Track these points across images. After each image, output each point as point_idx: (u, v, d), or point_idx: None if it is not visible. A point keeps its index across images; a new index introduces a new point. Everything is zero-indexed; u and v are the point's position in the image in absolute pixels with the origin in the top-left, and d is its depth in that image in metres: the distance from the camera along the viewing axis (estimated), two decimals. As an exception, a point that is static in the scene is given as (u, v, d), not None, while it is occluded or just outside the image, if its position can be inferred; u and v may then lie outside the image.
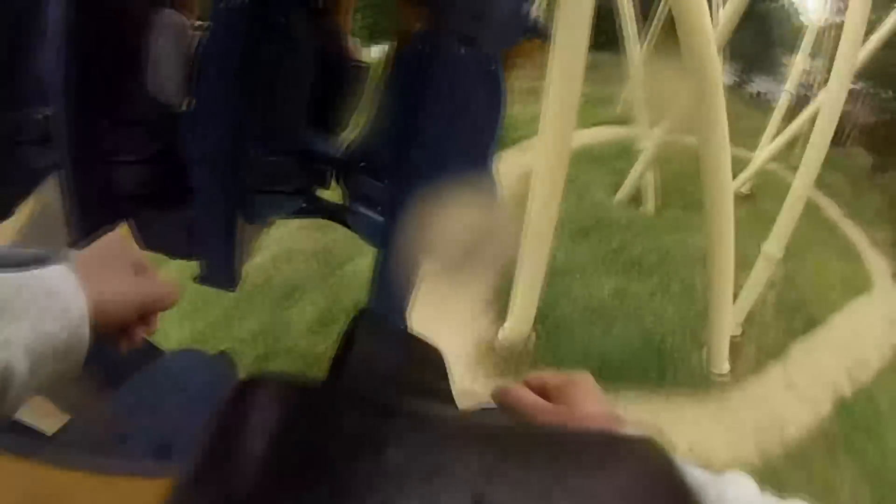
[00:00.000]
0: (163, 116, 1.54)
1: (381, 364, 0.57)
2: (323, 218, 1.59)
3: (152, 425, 0.62)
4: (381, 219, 1.38)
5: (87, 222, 1.56)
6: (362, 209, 1.42)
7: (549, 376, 0.67)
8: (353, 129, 1.54)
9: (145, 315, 0.70)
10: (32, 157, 1.57)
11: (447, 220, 1.35)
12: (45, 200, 1.65)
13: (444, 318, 4.33)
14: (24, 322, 0.56)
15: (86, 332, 0.62)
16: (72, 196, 1.54)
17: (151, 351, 1.18)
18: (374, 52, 2.51)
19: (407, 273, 1.38)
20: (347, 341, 0.54)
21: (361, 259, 4.89)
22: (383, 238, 1.37)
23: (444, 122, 1.29)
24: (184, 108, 1.55)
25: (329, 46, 1.48)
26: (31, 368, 0.56)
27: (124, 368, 1.05)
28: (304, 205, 1.54)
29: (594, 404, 0.61)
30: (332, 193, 1.55)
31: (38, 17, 1.47)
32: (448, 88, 1.28)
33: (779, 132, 9.51)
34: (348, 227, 1.50)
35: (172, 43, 1.55)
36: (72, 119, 1.43)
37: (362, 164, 1.42)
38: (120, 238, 0.74)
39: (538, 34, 1.35)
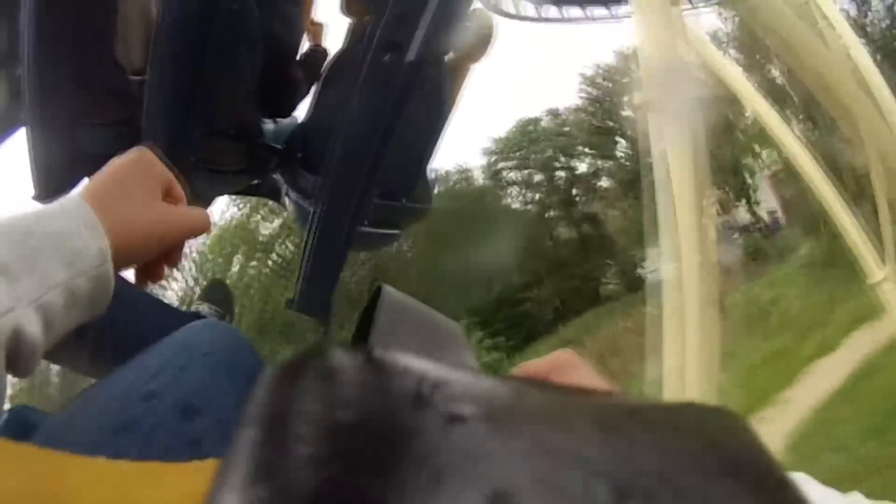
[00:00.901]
0: (126, 83, 1.59)
1: (405, 340, 0.54)
2: (269, 199, 1.63)
3: (178, 385, 0.59)
4: (310, 208, 1.41)
5: (49, 179, 1.64)
6: (295, 197, 1.46)
7: (534, 364, 0.62)
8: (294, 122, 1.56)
9: (171, 245, 0.64)
10: (2, 111, 1.64)
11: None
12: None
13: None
14: (33, 276, 0.50)
15: (108, 271, 0.55)
16: (36, 152, 1.61)
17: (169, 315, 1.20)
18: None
19: (331, 259, 1.42)
20: (367, 317, 0.51)
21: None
22: (309, 225, 1.40)
23: (376, 122, 1.30)
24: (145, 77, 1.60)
25: (281, 32, 1.49)
26: (46, 324, 0.51)
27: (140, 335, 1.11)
28: (253, 184, 1.58)
29: (590, 380, 0.56)
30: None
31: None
32: (382, 90, 1.28)
33: None
34: (285, 209, 1.54)
35: (138, 9, 1.58)
36: (38, 79, 1.48)
37: (299, 154, 1.44)
38: (141, 157, 0.63)
39: (484, 42, 1.34)
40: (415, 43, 1.23)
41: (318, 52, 1.57)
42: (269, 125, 1.53)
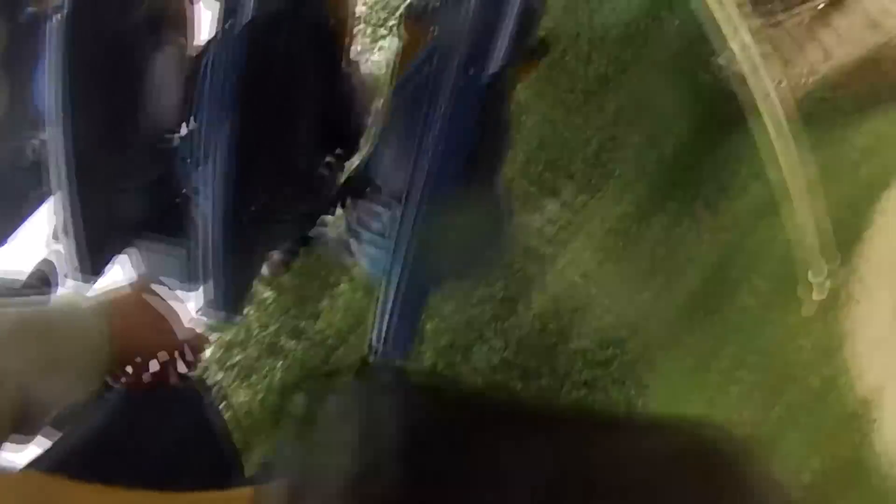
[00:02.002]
0: (162, 141, 1.52)
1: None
2: (326, 247, 1.56)
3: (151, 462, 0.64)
4: (385, 245, 1.34)
5: (89, 250, 1.54)
6: (366, 235, 1.39)
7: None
8: (359, 154, 1.51)
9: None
10: (25, 185, 1.55)
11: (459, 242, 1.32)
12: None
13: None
14: (49, 348, 0.60)
15: (105, 353, 0.67)
16: (72, 224, 1.51)
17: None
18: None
19: (416, 300, 1.34)
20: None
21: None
22: (391, 265, 1.33)
23: (450, 146, 1.25)
24: (183, 132, 1.53)
25: (333, 68, 1.46)
26: (48, 388, 0.59)
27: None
28: (308, 234, 1.51)
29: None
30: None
31: (31, 41, 1.45)
32: (453, 111, 1.24)
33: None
34: (352, 257, 1.47)
35: (171, 66, 1.52)
36: (70, 145, 1.40)
37: (367, 188, 1.38)
38: (139, 294, 0.88)
39: (544, 53, 1.32)
40: (495, 57, 1.20)
41: (363, 85, 1.54)
42: (325, 166, 1.48)
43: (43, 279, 1.59)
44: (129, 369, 0.76)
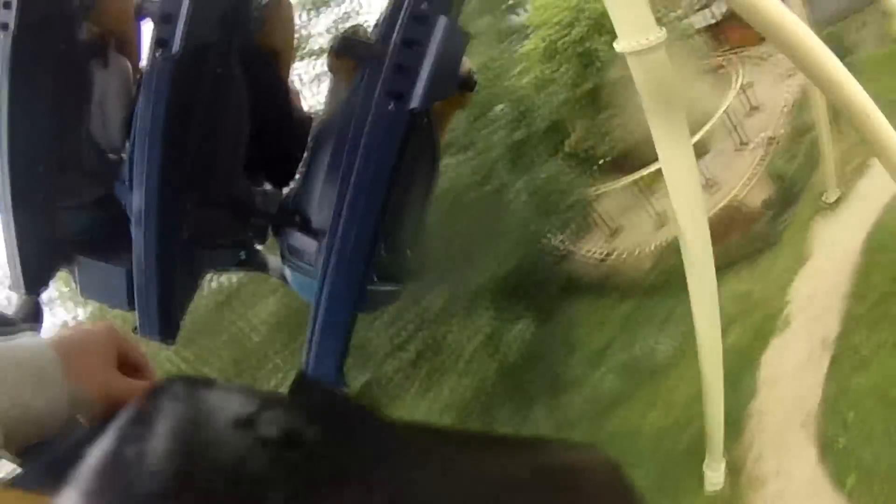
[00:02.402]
0: (103, 161, 1.52)
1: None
2: (261, 272, 1.56)
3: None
4: (311, 276, 1.35)
5: (30, 270, 1.54)
6: (295, 264, 1.39)
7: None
8: (292, 184, 1.51)
9: (116, 405, 0.73)
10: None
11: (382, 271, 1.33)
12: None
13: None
14: (1, 392, 0.59)
15: (63, 398, 0.64)
16: (11, 240, 1.52)
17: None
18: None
19: (340, 328, 1.34)
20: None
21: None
22: (316, 294, 1.33)
23: (373, 178, 1.25)
24: (124, 154, 1.54)
25: (268, 97, 1.46)
26: (8, 435, 0.58)
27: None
28: (242, 258, 1.51)
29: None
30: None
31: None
32: (376, 144, 1.24)
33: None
34: (285, 282, 1.47)
35: (116, 86, 1.53)
36: (10, 162, 1.41)
37: (297, 218, 1.38)
38: (106, 328, 0.78)
39: (469, 87, 1.32)
40: (417, 90, 1.20)
41: (303, 115, 1.54)
42: (259, 194, 1.48)
43: (35, 312, 1.58)
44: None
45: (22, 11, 1.35)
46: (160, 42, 1.29)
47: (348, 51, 1.29)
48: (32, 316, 1.55)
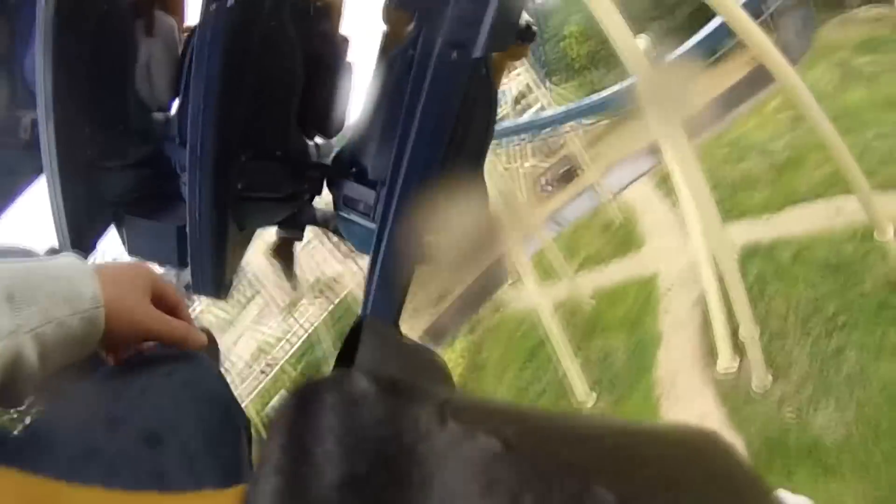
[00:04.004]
0: (150, 121, 1.52)
1: (385, 369, 0.56)
2: (315, 225, 1.57)
3: (142, 410, 0.59)
4: (371, 225, 1.36)
5: (77, 228, 1.54)
6: (352, 215, 1.40)
7: None
8: (345, 135, 1.52)
9: (148, 338, 0.72)
10: (18, 162, 1.54)
11: (440, 223, 1.34)
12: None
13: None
14: (33, 308, 0.56)
15: (100, 315, 0.62)
16: (58, 201, 1.51)
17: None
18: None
19: (399, 278, 1.36)
20: (350, 346, 0.54)
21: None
22: (375, 244, 1.35)
23: (435, 127, 1.26)
24: (172, 112, 1.54)
25: (320, 49, 1.46)
26: (41, 354, 0.56)
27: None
28: (295, 212, 1.52)
29: None
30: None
31: (21, 22, 1.45)
32: (438, 93, 1.25)
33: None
34: (339, 235, 1.48)
35: (162, 46, 1.53)
36: (57, 124, 1.40)
37: (353, 169, 1.39)
38: (139, 265, 0.75)
39: (529, 38, 1.33)
40: (479, 40, 1.21)
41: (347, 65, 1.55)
42: (312, 146, 1.48)
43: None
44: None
45: None
46: (212, -5, 1.29)
47: (406, 3, 1.30)
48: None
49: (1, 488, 0.37)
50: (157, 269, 1.56)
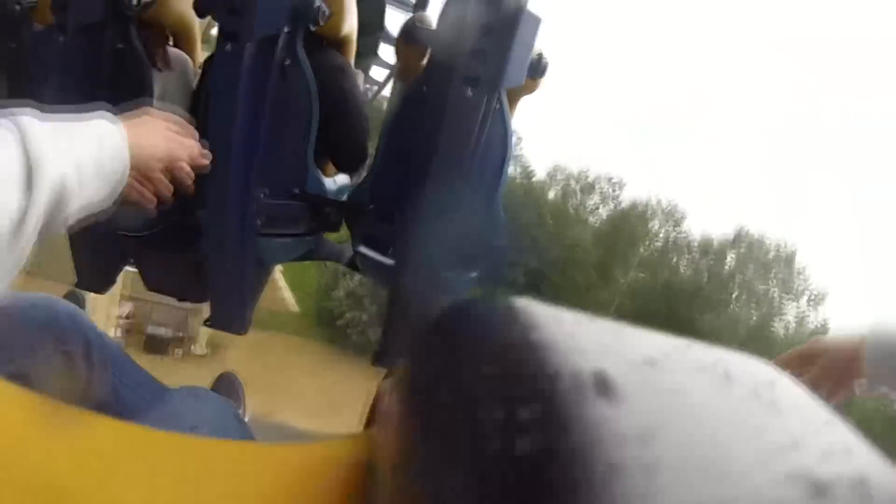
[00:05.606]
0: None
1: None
2: (331, 261, 1.58)
3: None
4: (389, 261, 1.36)
5: (92, 264, 1.56)
6: (370, 252, 1.41)
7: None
8: (362, 171, 1.53)
9: (174, 169, 0.92)
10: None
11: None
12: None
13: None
14: (73, 143, 0.67)
15: (125, 155, 0.76)
16: (76, 238, 1.53)
17: (160, 391, 1.19)
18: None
19: (417, 313, 1.36)
20: None
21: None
22: (392, 280, 1.35)
23: (452, 163, 1.27)
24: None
25: (335, 84, 1.47)
26: (80, 182, 0.66)
27: (135, 406, 1.05)
28: (312, 248, 1.53)
29: None
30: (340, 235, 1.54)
31: (36, 57, 1.47)
32: (454, 129, 1.25)
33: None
34: (357, 270, 1.49)
35: (177, 81, 1.54)
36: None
37: (371, 206, 1.40)
38: (154, 112, 0.94)
39: (540, 73, 1.33)
40: (494, 77, 1.22)
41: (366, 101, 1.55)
42: (330, 183, 1.49)
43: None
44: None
45: (76, 13, 1.36)
46: (230, 36, 1.30)
47: (418, 39, 1.30)
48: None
49: None
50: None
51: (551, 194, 30.64)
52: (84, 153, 0.68)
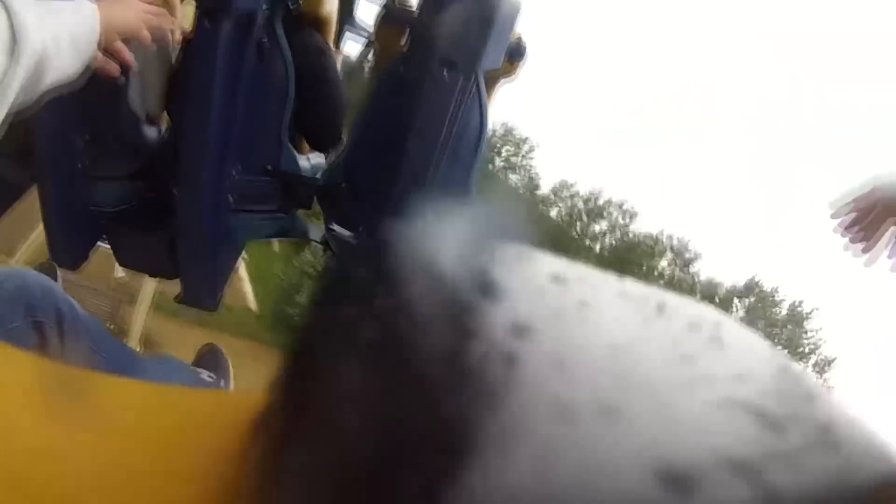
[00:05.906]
0: (142, 133, 1.52)
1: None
2: (302, 239, 1.58)
3: None
4: (357, 240, 1.37)
5: (64, 239, 1.54)
6: (342, 230, 1.41)
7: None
8: (336, 152, 1.53)
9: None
10: (11, 172, 1.54)
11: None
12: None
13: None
14: (53, 16, 0.71)
15: (97, 30, 0.82)
16: (49, 212, 1.52)
17: (134, 360, 1.18)
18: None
19: None
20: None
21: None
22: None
23: (425, 145, 1.27)
24: (164, 125, 1.54)
25: (312, 64, 1.47)
26: (57, 54, 0.71)
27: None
28: (285, 225, 1.53)
29: None
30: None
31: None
32: (429, 111, 1.26)
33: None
34: (329, 249, 1.49)
35: (156, 57, 1.53)
36: (49, 134, 1.41)
37: (342, 184, 1.40)
38: None
39: (520, 56, 1.34)
40: (470, 59, 1.22)
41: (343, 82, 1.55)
42: (304, 161, 1.49)
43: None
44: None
45: None
46: (208, 11, 1.30)
47: (398, 20, 1.31)
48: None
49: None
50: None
51: (553, 212, 29.10)
52: (62, 27, 0.73)
